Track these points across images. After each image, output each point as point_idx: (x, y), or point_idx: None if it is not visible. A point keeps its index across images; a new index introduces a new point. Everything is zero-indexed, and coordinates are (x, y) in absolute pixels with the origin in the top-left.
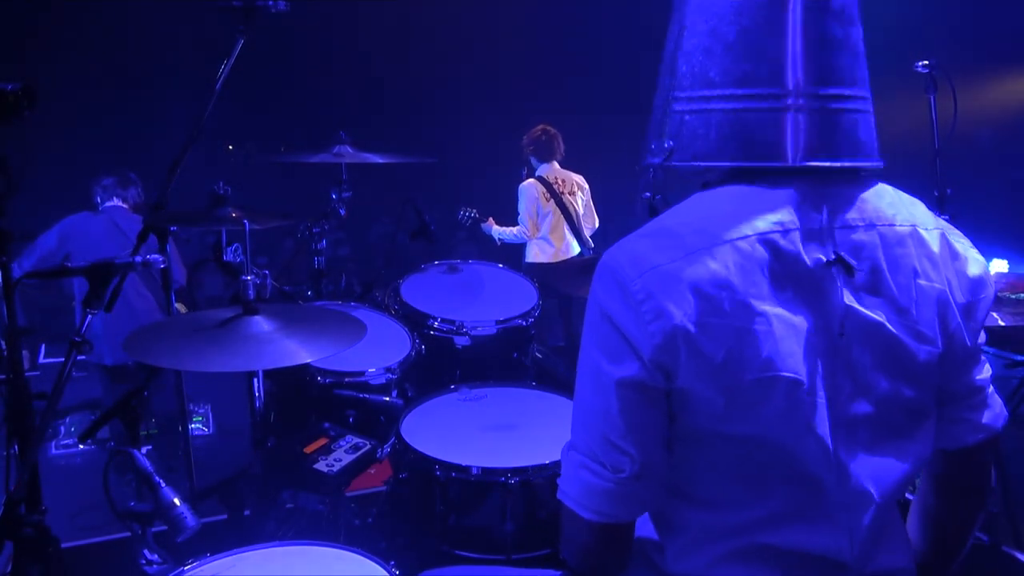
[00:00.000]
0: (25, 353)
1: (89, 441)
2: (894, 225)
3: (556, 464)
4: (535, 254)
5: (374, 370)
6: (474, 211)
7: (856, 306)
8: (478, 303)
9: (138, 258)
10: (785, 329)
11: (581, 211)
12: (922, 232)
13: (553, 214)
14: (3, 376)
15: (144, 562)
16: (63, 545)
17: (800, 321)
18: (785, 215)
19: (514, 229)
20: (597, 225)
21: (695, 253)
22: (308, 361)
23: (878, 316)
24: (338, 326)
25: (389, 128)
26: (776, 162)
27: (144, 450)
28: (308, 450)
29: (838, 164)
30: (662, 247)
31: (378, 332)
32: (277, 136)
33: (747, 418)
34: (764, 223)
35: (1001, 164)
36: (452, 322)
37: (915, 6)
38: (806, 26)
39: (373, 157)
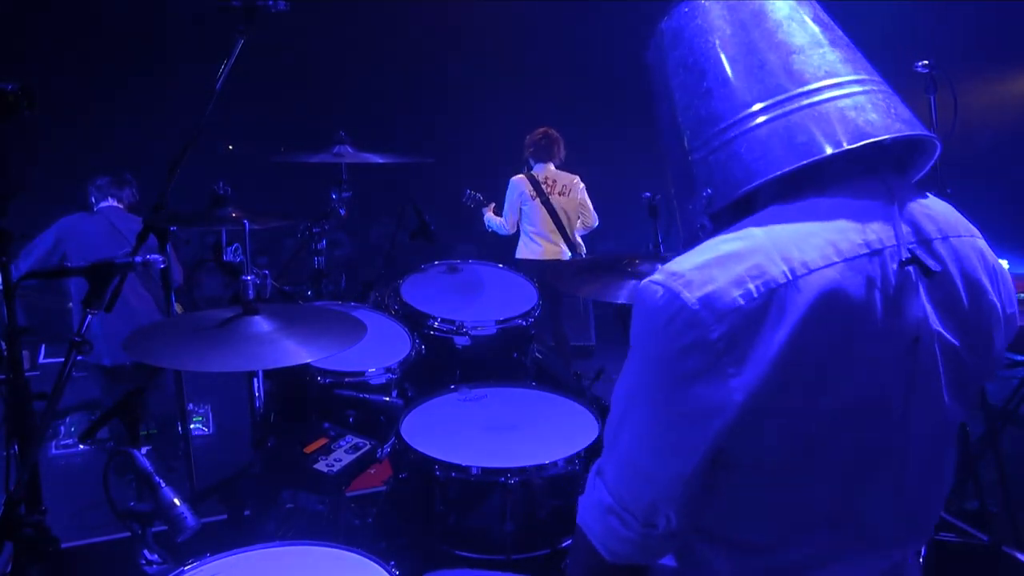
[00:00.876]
0: (25, 353)
1: (89, 441)
2: (961, 236)
3: (556, 464)
4: (522, 250)
5: (374, 370)
6: (479, 195)
7: (938, 329)
8: (478, 303)
9: (138, 258)
10: (871, 357)
11: (570, 212)
12: (980, 243)
13: (539, 212)
14: (3, 376)
15: (144, 562)
16: (63, 545)
17: (884, 345)
18: (860, 220)
19: (499, 219)
20: (595, 223)
21: (781, 288)
22: (308, 361)
23: (953, 338)
24: (338, 326)
25: (389, 128)
26: (828, 151)
27: (144, 450)
28: (308, 450)
29: (892, 135)
30: (740, 281)
31: (378, 332)
32: (277, 136)
33: (817, 459)
34: (847, 244)
35: (1001, 164)
36: (452, 322)
37: (915, 6)
38: (792, 34)
39: (373, 157)
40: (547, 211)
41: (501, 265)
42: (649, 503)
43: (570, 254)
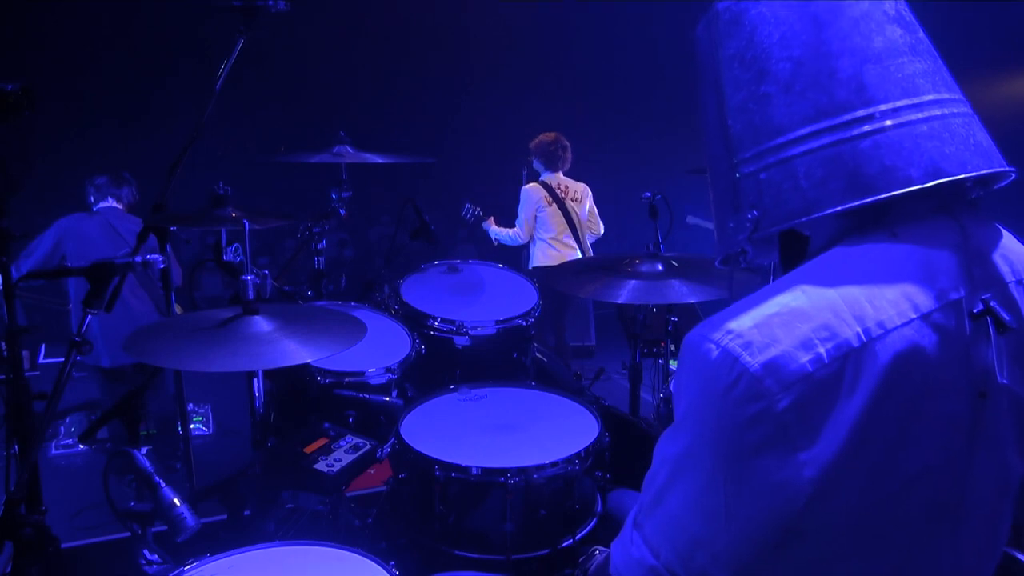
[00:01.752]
0: (25, 353)
1: (89, 441)
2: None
3: (556, 464)
4: (539, 257)
5: (374, 370)
6: (478, 209)
7: (1006, 382)
8: (478, 303)
9: (138, 258)
10: (940, 415)
11: (583, 218)
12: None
13: (556, 218)
14: (3, 376)
15: (144, 562)
16: (63, 545)
17: (951, 402)
18: (933, 277)
19: (510, 231)
20: (602, 231)
21: (855, 352)
22: (308, 361)
23: (1022, 391)
24: (338, 326)
25: (389, 128)
26: (898, 189)
27: (144, 450)
28: (308, 450)
29: (974, 174)
30: (809, 344)
31: (378, 332)
32: (277, 136)
33: (883, 530)
34: (920, 296)
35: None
36: (452, 322)
37: (915, 6)
38: (868, 37)
39: (373, 157)
40: (563, 216)
41: (501, 265)
42: (700, 570)
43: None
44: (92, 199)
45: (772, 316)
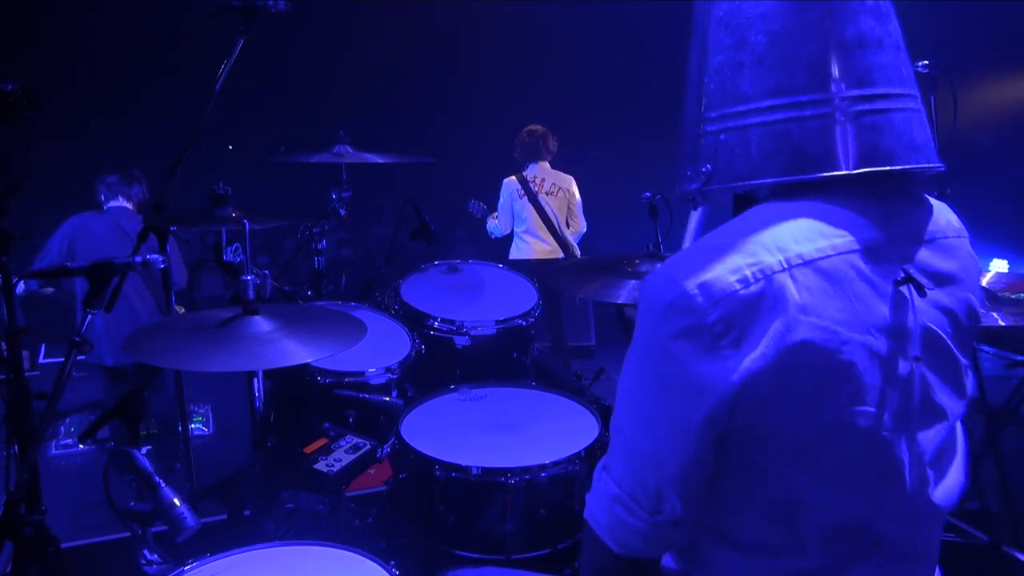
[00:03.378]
0: (25, 353)
1: (89, 441)
2: (948, 237)
3: (556, 464)
4: (513, 251)
5: (374, 370)
6: (484, 205)
7: (929, 325)
8: (478, 303)
9: (138, 258)
10: (868, 358)
11: (560, 211)
12: (965, 242)
13: (526, 212)
14: (3, 376)
15: (144, 562)
16: (63, 545)
17: (880, 346)
18: (855, 231)
19: (495, 221)
20: (583, 229)
21: (775, 273)
22: (308, 361)
23: (945, 333)
24: (338, 326)
25: (389, 128)
26: (828, 172)
27: (144, 450)
28: (308, 450)
29: (898, 168)
30: (737, 269)
31: (378, 332)
32: (277, 136)
33: (819, 462)
34: (840, 240)
35: (1001, 164)
36: (452, 322)
37: (915, 6)
38: (841, 26)
39: (373, 157)
40: (536, 210)
41: (501, 265)
42: (654, 488)
43: (562, 254)
44: (102, 197)
45: (709, 250)
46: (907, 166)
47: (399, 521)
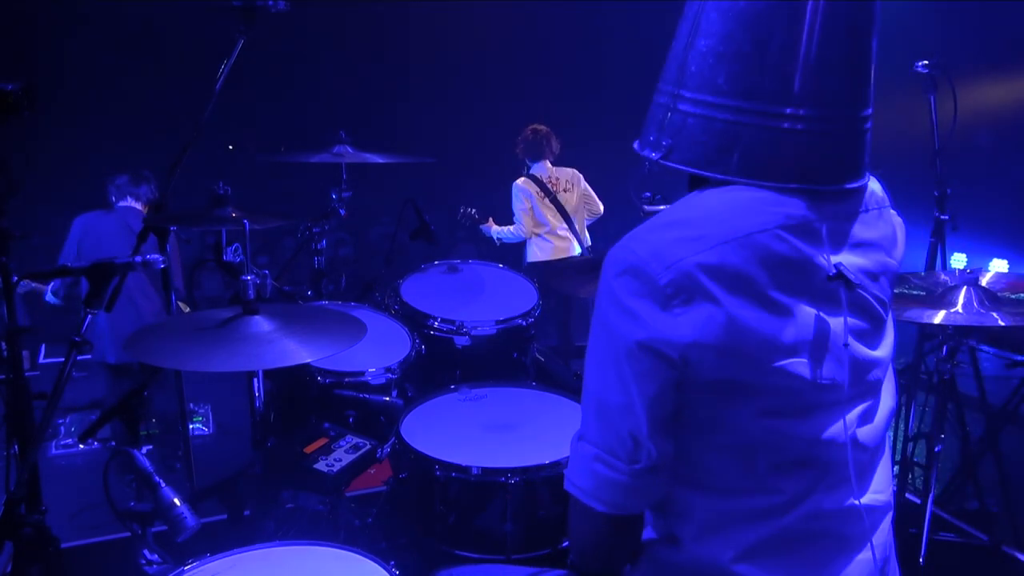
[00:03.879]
0: (25, 353)
1: (90, 441)
2: (870, 210)
3: (556, 464)
4: (535, 253)
5: (374, 370)
6: (474, 210)
7: (856, 287)
8: (478, 303)
9: (138, 258)
10: (800, 315)
11: (575, 207)
12: (887, 211)
13: (549, 212)
14: (3, 376)
15: (144, 562)
16: (63, 545)
17: (810, 305)
18: (789, 211)
19: (511, 228)
20: (602, 210)
21: (719, 246)
22: (308, 361)
23: (868, 293)
24: (338, 326)
25: (389, 128)
26: (769, 180)
27: (144, 450)
28: (308, 450)
29: (833, 188)
30: (686, 240)
31: (378, 332)
32: (277, 136)
33: (765, 407)
34: (775, 218)
35: (1001, 164)
36: (452, 322)
37: (915, 6)
38: (821, 46)
39: (373, 157)
40: (557, 210)
41: (501, 265)
42: (629, 436)
43: (579, 249)
44: (113, 198)
45: (662, 226)
46: (836, 186)
47: (399, 521)
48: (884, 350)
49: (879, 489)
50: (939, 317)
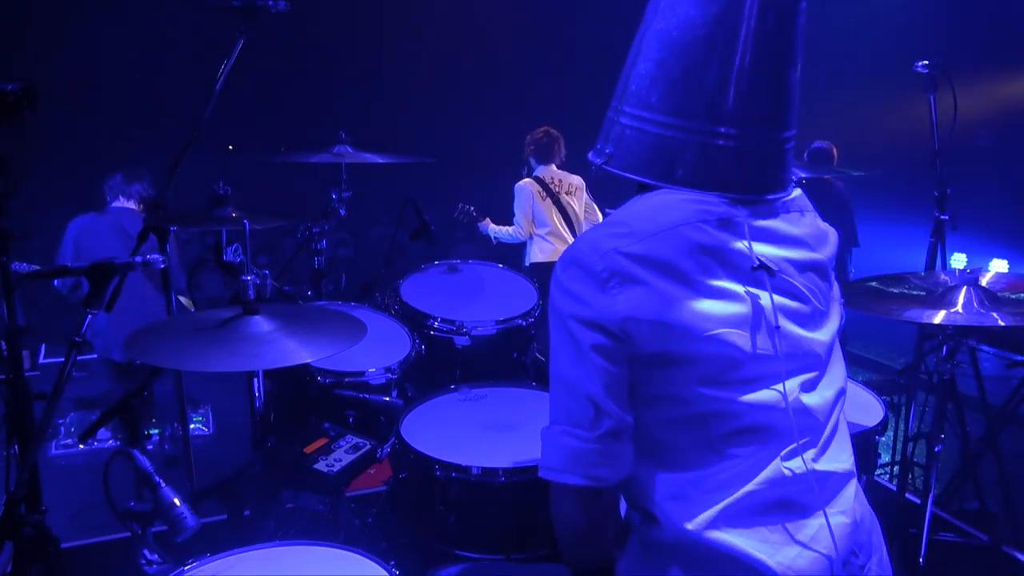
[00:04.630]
0: (25, 353)
1: (91, 441)
2: (791, 212)
3: None
4: (536, 254)
5: (374, 370)
6: (472, 208)
7: (779, 272)
8: (478, 303)
9: (138, 258)
10: (726, 293)
11: (580, 211)
12: (811, 216)
13: (551, 213)
14: (3, 376)
15: (144, 562)
16: (63, 545)
17: (736, 285)
18: (711, 209)
19: (509, 228)
20: (601, 220)
21: (646, 238)
22: (308, 361)
23: (793, 277)
24: (338, 326)
25: (389, 128)
26: (689, 187)
27: (149, 446)
28: (308, 450)
29: (752, 198)
30: (617, 235)
31: (378, 332)
32: (277, 136)
33: (703, 375)
34: (698, 214)
35: (1001, 164)
36: (452, 322)
37: (915, 6)
38: (745, 75)
39: (373, 157)
40: (558, 211)
41: (501, 265)
42: (589, 403)
43: None
44: (108, 199)
45: (603, 226)
46: (755, 195)
47: (399, 521)
48: (824, 334)
49: (835, 458)
50: (939, 317)
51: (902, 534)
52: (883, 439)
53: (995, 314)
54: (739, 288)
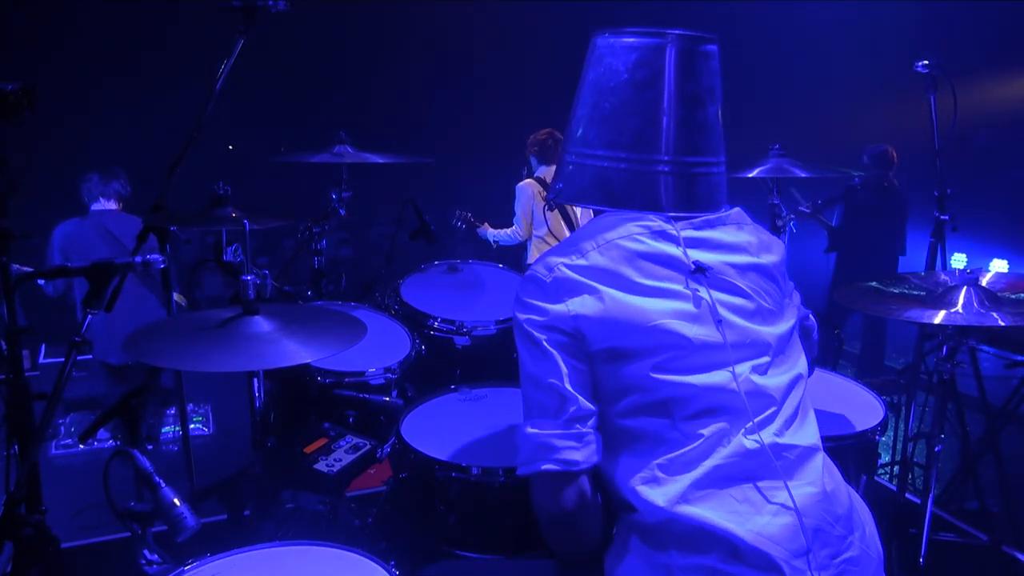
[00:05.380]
0: (25, 353)
1: (91, 441)
2: (727, 224)
3: None
4: (535, 254)
5: (374, 370)
6: (468, 214)
7: (717, 273)
8: (478, 303)
9: (138, 258)
10: (670, 295)
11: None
12: (750, 227)
13: (551, 215)
14: (3, 376)
15: (144, 562)
16: (63, 545)
17: (675, 286)
18: (650, 225)
19: (508, 230)
20: None
21: (589, 252)
22: (308, 361)
23: (733, 278)
24: (338, 326)
25: (389, 128)
26: (624, 208)
27: (151, 445)
28: (308, 450)
29: (675, 213)
30: (564, 252)
31: (378, 332)
32: (277, 136)
33: (656, 364)
34: (638, 227)
35: (1001, 164)
36: (452, 322)
37: (915, 6)
38: (661, 111)
39: (373, 157)
40: (559, 213)
41: (501, 265)
42: (554, 393)
43: None
44: (86, 200)
45: (557, 248)
46: (685, 212)
47: (399, 521)
48: (774, 328)
49: (798, 433)
50: (939, 317)
51: (902, 534)
52: (883, 439)
53: (995, 314)
54: (679, 287)
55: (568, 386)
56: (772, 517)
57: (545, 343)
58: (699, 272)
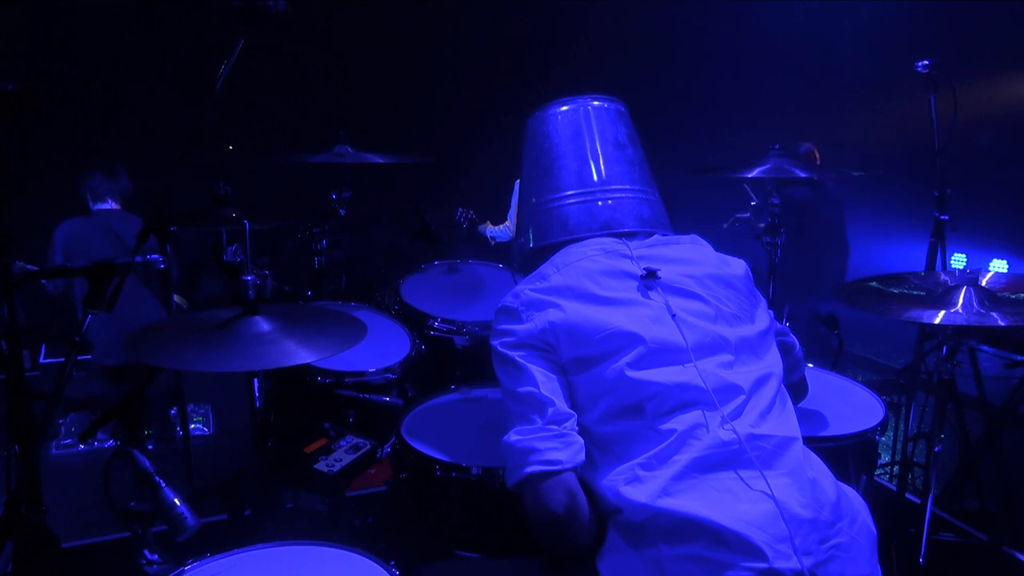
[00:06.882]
0: (25, 353)
1: (91, 441)
2: (679, 243)
3: None
4: None
5: (374, 370)
6: (472, 212)
7: (669, 282)
8: (478, 303)
9: (138, 258)
10: (628, 304)
11: None
12: (701, 245)
13: None
14: (3, 376)
15: (144, 562)
16: (63, 545)
17: (633, 295)
18: (604, 245)
19: (503, 225)
20: None
21: (552, 275)
22: (308, 361)
23: (687, 285)
24: (338, 326)
25: (389, 128)
26: (582, 235)
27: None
28: (308, 450)
29: (624, 230)
30: (531, 281)
31: (378, 332)
32: (277, 136)
33: (626, 364)
34: (594, 250)
35: (1001, 164)
36: (452, 322)
37: (915, 6)
38: (593, 151)
39: (373, 157)
40: None
41: (501, 265)
42: (533, 399)
43: None
44: (89, 201)
45: (526, 280)
46: (634, 229)
47: (399, 521)
48: (734, 329)
49: (774, 425)
50: (939, 317)
51: (902, 534)
52: (883, 439)
53: (995, 314)
54: (636, 295)
55: (544, 391)
56: (752, 504)
57: (519, 359)
58: (650, 277)
